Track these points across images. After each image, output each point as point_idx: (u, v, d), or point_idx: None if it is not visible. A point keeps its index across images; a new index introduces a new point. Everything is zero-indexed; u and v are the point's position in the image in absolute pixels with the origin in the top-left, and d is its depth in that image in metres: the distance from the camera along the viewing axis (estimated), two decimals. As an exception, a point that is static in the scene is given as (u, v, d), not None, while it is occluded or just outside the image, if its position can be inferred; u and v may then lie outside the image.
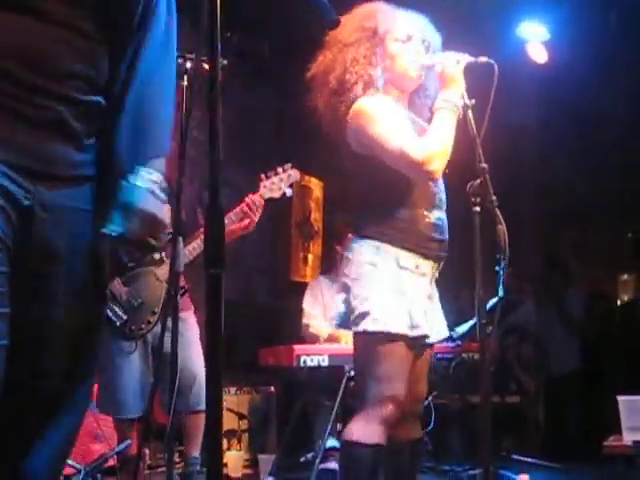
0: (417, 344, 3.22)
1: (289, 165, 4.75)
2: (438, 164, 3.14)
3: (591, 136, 8.59)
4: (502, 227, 3.09)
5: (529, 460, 6.39)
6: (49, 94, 1.80)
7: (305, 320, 6.21)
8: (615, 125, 8.37)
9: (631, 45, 7.44)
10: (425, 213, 3.26)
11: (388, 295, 3.16)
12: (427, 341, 3.30)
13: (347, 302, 3.25)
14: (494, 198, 3.13)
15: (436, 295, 3.40)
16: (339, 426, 5.95)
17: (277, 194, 4.70)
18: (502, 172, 3.76)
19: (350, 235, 3.35)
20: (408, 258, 3.21)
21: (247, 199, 4.65)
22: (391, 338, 3.13)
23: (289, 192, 4.79)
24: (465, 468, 5.86)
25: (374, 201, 3.28)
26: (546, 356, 7.94)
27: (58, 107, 1.81)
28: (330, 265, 6.50)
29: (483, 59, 3.25)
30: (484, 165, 3.17)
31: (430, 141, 3.15)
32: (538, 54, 7.47)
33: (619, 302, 9.60)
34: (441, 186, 3.37)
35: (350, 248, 3.30)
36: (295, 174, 4.75)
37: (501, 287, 3.11)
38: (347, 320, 3.25)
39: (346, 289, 3.27)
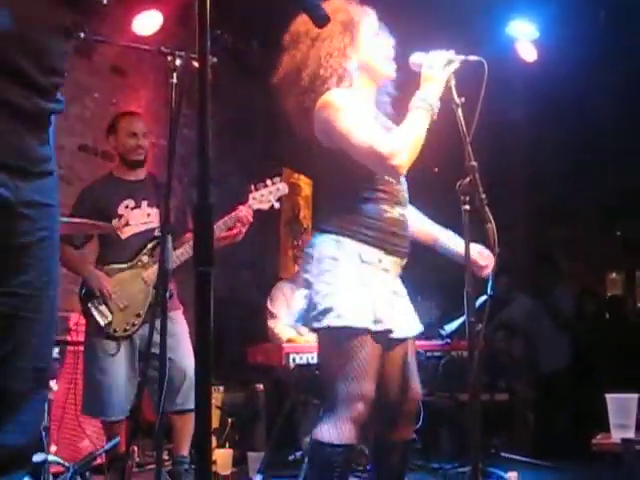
0: (383, 339, 3.18)
1: (278, 179, 4.81)
2: (403, 159, 3.12)
3: (580, 134, 8.61)
4: (491, 225, 3.09)
5: (518, 458, 6.39)
6: (36, 87, 1.83)
7: (269, 323, 6.33)
8: (604, 123, 8.39)
9: (619, 43, 7.46)
10: (387, 208, 3.25)
11: (351, 290, 3.12)
12: (399, 336, 3.26)
13: (309, 298, 3.19)
14: (483, 196, 3.13)
15: (403, 291, 3.37)
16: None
17: (265, 206, 4.75)
18: (491, 170, 3.77)
19: (313, 231, 3.33)
20: (370, 253, 3.19)
21: (238, 210, 4.66)
22: (355, 333, 3.09)
23: (277, 205, 4.84)
24: (454, 466, 5.87)
25: (337, 196, 3.27)
26: (536, 353, 7.96)
27: (42, 103, 1.85)
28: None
29: (473, 57, 3.25)
30: (473, 163, 3.17)
31: (399, 136, 3.15)
32: (527, 52, 7.49)
33: (608, 297, 9.63)
34: (404, 184, 3.37)
35: (312, 244, 3.27)
36: (284, 188, 4.81)
37: (490, 285, 3.11)
38: (308, 317, 3.19)
39: (308, 285, 3.21)
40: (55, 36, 1.87)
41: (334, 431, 3.08)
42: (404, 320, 3.30)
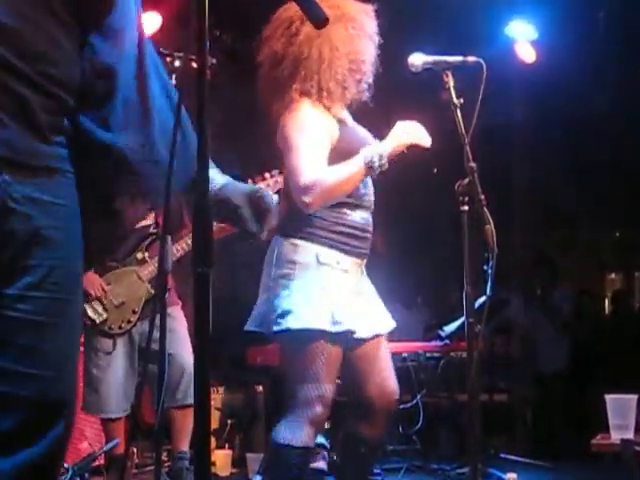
0: (344, 340, 3.20)
1: (277, 171, 4.74)
2: (314, 199, 3.13)
3: (579, 135, 8.61)
4: (490, 226, 3.09)
5: (517, 458, 6.39)
6: (16, 73, 1.78)
7: None
8: (603, 125, 8.39)
9: (619, 45, 7.47)
10: (348, 212, 3.26)
11: (308, 292, 3.15)
12: (365, 336, 3.27)
13: (268, 302, 3.22)
14: (482, 197, 3.13)
15: (369, 290, 3.37)
16: (327, 424, 5.96)
17: None
18: (490, 171, 3.77)
19: (274, 235, 3.32)
20: (328, 254, 3.20)
21: None
22: (314, 335, 3.12)
23: (276, 198, 4.78)
24: (454, 467, 5.87)
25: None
26: (535, 354, 7.96)
27: (24, 91, 1.79)
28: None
29: (472, 58, 3.25)
30: (472, 164, 3.17)
31: (325, 176, 3.14)
32: (526, 53, 7.48)
33: (607, 299, 9.64)
34: (370, 189, 3.36)
35: (271, 248, 3.30)
36: (282, 181, 4.74)
37: (489, 286, 3.11)
38: (268, 320, 3.22)
39: (267, 289, 3.25)
40: (37, 20, 1.82)
41: (292, 433, 3.13)
42: (370, 319, 3.30)
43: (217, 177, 2.21)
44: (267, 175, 4.72)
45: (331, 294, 3.16)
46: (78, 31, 1.90)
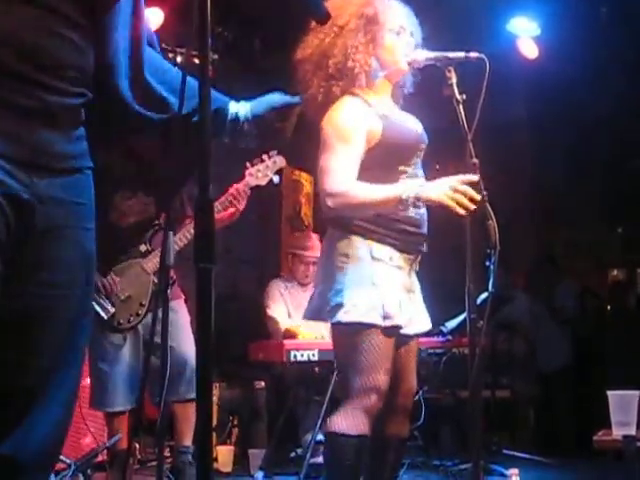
0: (394, 334, 3.23)
1: (275, 152, 4.69)
2: (337, 207, 3.16)
3: (582, 132, 8.61)
4: (492, 222, 3.09)
5: (519, 455, 6.40)
6: (42, 86, 1.81)
7: (268, 312, 6.26)
8: (606, 121, 8.39)
9: (621, 40, 7.46)
10: (402, 207, 3.24)
11: (360, 287, 3.17)
12: (409, 333, 3.31)
13: (322, 294, 3.26)
14: (485, 193, 3.13)
15: (417, 288, 3.40)
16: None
17: (263, 181, 4.66)
18: (492, 167, 3.76)
19: (328, 228, 3.35)
20: (381, 250, 3.23)
21: (232, 188, 4.61)
22: (365, 329, 3.16)
23: (276, 179, 4.75)
24: (455, 463, 5.87)
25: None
26: (537, 351, 7.95)
27: (49, 98, 1.82)
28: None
29: (474, 54, 3.24)
30: (475, 160, 3.16)
31: (356, 191, 3.16)
32: (529, 49, 7.49)
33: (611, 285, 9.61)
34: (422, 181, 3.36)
35: (327, 240, 3.33)
36: (281, 161, 4.69)
37: (491, 282, 3.11)
38: (321, 312, 3.27)
39: (321, 281, 3.31)
40: (56, 30, 1.85)
41: (347, 422, 3.16)
42: (415, 317, 3.33)
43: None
44: (265, 157, 4.68)
45: (382, 289, 3.19)
46: (89, 28, 1.91)
